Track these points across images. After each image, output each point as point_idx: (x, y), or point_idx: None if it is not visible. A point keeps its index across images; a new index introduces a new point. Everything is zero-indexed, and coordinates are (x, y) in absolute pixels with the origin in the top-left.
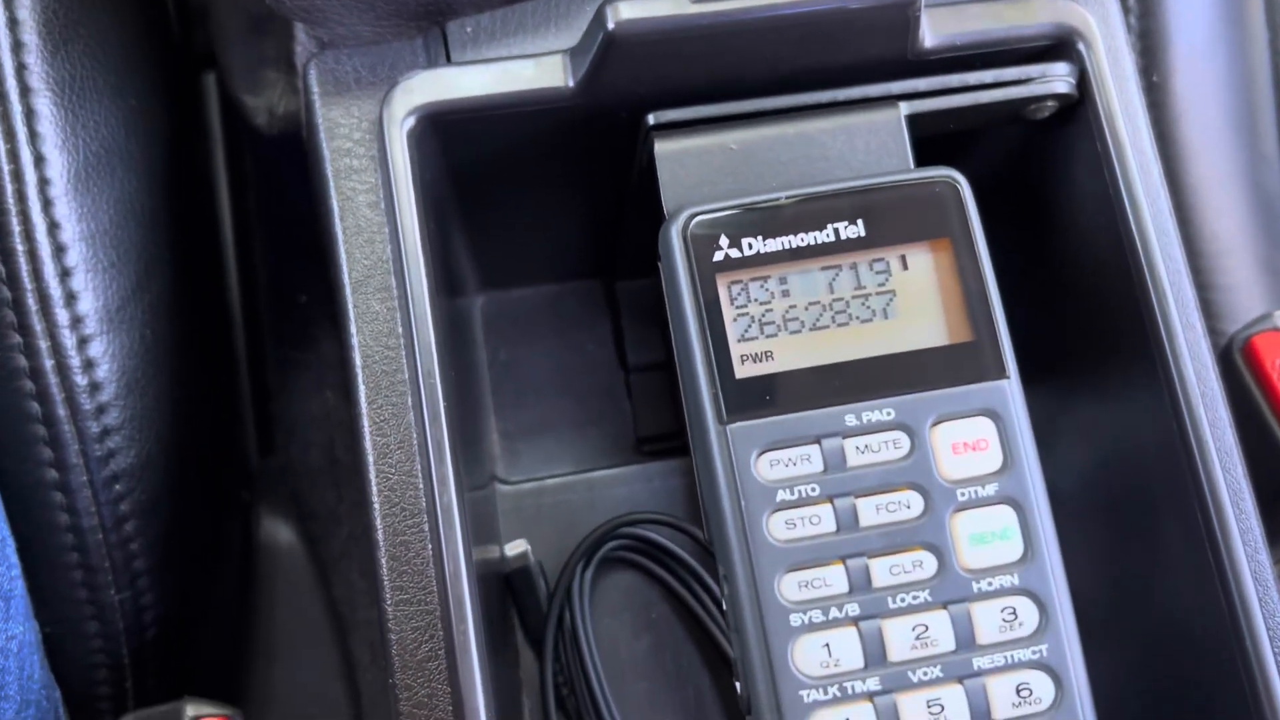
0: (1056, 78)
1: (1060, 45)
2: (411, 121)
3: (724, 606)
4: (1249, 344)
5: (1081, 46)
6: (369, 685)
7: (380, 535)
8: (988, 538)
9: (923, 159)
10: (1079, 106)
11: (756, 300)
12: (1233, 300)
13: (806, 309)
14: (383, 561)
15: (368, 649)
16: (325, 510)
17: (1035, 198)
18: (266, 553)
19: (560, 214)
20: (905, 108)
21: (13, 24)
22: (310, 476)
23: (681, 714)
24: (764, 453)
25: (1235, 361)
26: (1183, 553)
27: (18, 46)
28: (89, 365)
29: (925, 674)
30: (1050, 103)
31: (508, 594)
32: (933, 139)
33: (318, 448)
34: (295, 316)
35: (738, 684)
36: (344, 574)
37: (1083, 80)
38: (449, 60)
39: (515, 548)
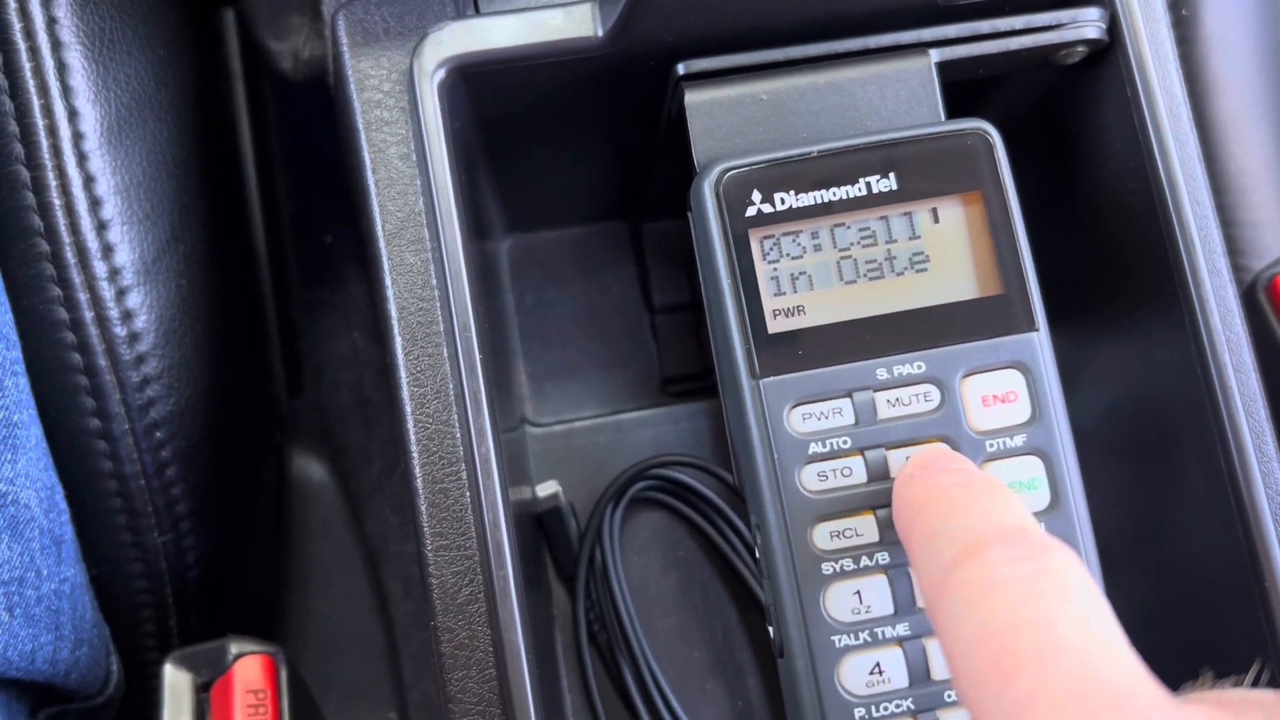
0: (1087, 23)
1: None
2: (442, 74)
3: (756, 553)
4: (1273, 283)
5: None
6: (402, 617)
7: (419, 483)
8: (1016, 488)
9: (950, 102)
10: (1109, 51)
11: (789, 255)
12: (1257, 237)
13: (838, 263)
14: (422, 509)
15: (400, 582)
16: (356, 447)
17: (1063, 141)
18: (299, 490)
19: (588, 159)
20: (935, 55)
21: None
22: (340, 414)
23: (709, 647)
24: (796, 406)
25: (1259, 300)
26: (1205, 493)
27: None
28: (128, 316)
29: None
30: (1080, 48)
31: (539, 533)
32: (961, 83)
33: (347, 386)
34: (321, 256)
35: (771, 629)
36: (375, 509)
37: (1113, 24)
38: (477, 9)
39: (547, 489)
